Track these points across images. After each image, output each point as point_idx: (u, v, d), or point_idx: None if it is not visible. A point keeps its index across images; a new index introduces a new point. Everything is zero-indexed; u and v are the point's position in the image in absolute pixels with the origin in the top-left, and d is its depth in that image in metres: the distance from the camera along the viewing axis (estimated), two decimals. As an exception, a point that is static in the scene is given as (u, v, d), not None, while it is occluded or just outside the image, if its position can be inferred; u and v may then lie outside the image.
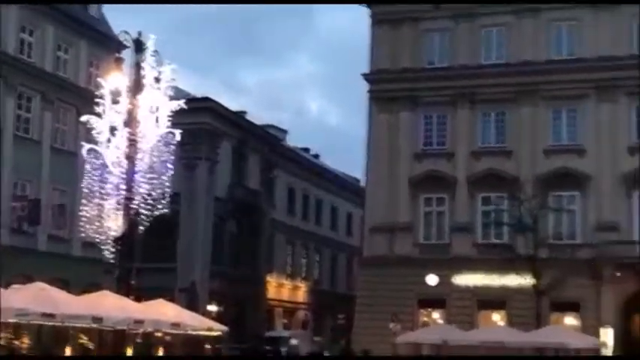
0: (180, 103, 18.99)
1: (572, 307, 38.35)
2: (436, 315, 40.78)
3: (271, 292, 52.68)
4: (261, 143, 52.85)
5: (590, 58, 39.46)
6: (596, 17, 39.72)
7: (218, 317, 39.47)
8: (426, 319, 40.79)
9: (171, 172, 18.78)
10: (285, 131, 61.14)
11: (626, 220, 38.20)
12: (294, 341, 45.10)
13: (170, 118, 18.75)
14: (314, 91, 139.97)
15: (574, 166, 39.29)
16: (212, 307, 44.75)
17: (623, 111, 38.93)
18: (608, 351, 35.22)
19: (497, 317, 39.60)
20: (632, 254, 37.09)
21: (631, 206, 38.35)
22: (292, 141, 61.84)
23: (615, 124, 38.96)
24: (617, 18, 39.36)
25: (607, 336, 36.21)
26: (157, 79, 18.72)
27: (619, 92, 38.96)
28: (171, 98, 18.96)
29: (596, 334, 36.04)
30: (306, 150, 64.40)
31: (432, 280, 39.83)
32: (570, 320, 38.66)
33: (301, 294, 56.71)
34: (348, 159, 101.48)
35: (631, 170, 38.28)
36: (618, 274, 36.54)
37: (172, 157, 18.83)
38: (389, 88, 42.65)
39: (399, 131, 42.01)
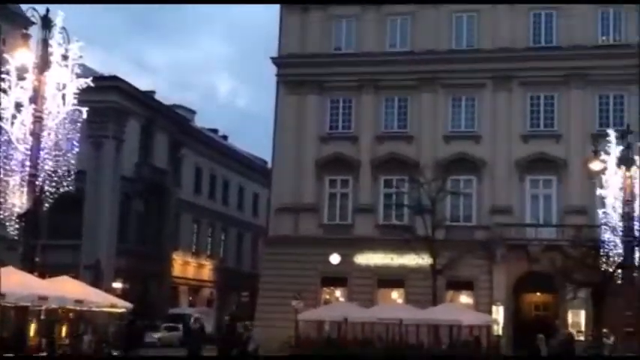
0: (88, 81, 19.09)
1: (466, 285, 40.23)
2: (338, 293, 42.04)
3: (177, 269, 53.01)
4: (169, 123, 52.94)
5: (488, 49, 41.20)
6: (495, 10, 41.39)
7: (123, 294, 39.66)
8: (328, 296, 42.03)
9: (77, 150, 18.94)
10: (193, 112, 61.27)
11: (519, 204, 40.23)
12: (197, 316, 45.55)
13: (77, 96, 18.87)
14: (224, 73, 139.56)
15: (471, 151, 41.03)
16: (117, 284, 44.85)
17: (518, 100, 40.85)
18: (499, 328, 37.11)
19: (396, 295, 41.11)
20: (523, 236, 39.19)
21: (523, 190, 40.38)
22: (201, 122, 62.11)
23: (510, 112, 40.85)
24: (515, 12, 41.13)
25: (498, 313, 38.24)
26: (65, 57, 18.78)
27: (514, 82, 40.86)
28: (79, 76, 19.06)
29: (489, 312, 37.99)
30: (215, 131, 64.64)
31: (334, 259, 41.04)
32: (464, 298, 40.52)
33: (206, 272, 57.22)
34: (257, 141, 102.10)
35: (524, 157, 40.27)
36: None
37: (78, 135, 18.95)
38: (297, 72, 43.48)
39: (305, 114, 42.96)
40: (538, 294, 41.46)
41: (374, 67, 42.26)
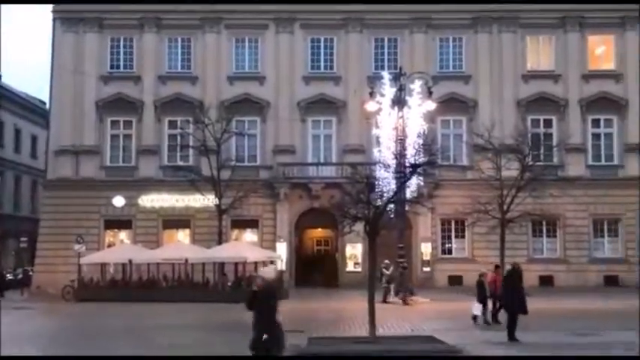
0: None
1: (251, 223, 41.30)
2: (123, 235, 41.66)
3: (-53, 217, 49.96)
4: None
5: (270, -9, 41.68)
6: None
7: None
8: (112, 239, 41.54)
9: None
10: (-39, 49, 57.16)
11: (301, 144, 41.54)
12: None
13: None
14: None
15: (255, 92, 41.65)
16: None
17: (299, 42, 41.83)
18: (282, 262, 38.34)
19: (182, 235, 41.36)
20: (305, 175, 40.63)
21: (305, 131, 41.68)
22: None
23: (292, 54, 41.78)
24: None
25: (282, 249, 39.62)
26: None
27: (295, 25, 41.73)
28: None
29: (273, 248, 39.27)
30: (-14, 69, 60.79)
31: (118, 201, 40.56)
32: (250, 236, 41.56)
33: (-18, 219, 54.37)
34: (34, 80, 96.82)
35: (306, 98, 41.48)
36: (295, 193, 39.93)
37: None
38: (74, 9, 41.77)
39: (85, 53, 41.61)
40: (319, 230, 43.40)
41: (155, 4, 41.41)
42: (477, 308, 21.20)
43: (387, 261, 31.01)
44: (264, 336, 11.05)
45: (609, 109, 41.45)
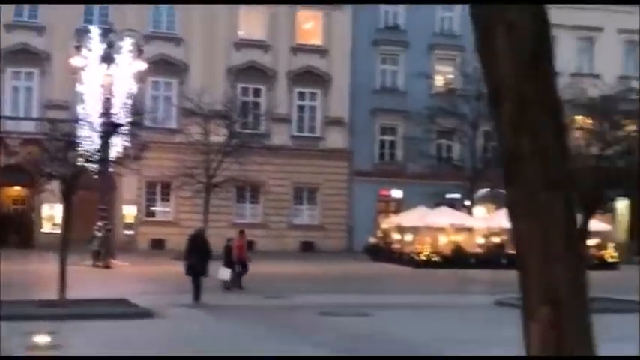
0: None
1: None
2: None
3: None
4: None
5: None
6: None
7: None
8: None
9: None
10: None
11: (-2, 96, 38.81)
12: None
13: None
14: None
15: None
16: None
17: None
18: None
19: None
20: (3, 129, 38.05)
21: (4, 82, 38.87)
22: None
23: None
24: None
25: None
26: None
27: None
28: None
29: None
30: None
31: None
32: None
33: None
34: None
35: (6, 47, 38.58)
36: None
37: None
38: None
39: None
40: (16, 188, 40.92)
41: None
42: (224, 273, 20.91)
43: (99, 223, 30.10)
44: None
45: (314, 82, 43.32)
